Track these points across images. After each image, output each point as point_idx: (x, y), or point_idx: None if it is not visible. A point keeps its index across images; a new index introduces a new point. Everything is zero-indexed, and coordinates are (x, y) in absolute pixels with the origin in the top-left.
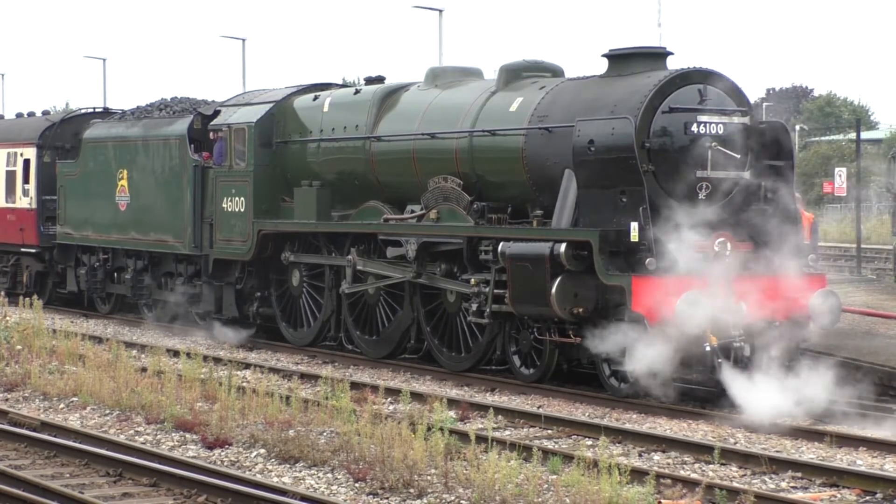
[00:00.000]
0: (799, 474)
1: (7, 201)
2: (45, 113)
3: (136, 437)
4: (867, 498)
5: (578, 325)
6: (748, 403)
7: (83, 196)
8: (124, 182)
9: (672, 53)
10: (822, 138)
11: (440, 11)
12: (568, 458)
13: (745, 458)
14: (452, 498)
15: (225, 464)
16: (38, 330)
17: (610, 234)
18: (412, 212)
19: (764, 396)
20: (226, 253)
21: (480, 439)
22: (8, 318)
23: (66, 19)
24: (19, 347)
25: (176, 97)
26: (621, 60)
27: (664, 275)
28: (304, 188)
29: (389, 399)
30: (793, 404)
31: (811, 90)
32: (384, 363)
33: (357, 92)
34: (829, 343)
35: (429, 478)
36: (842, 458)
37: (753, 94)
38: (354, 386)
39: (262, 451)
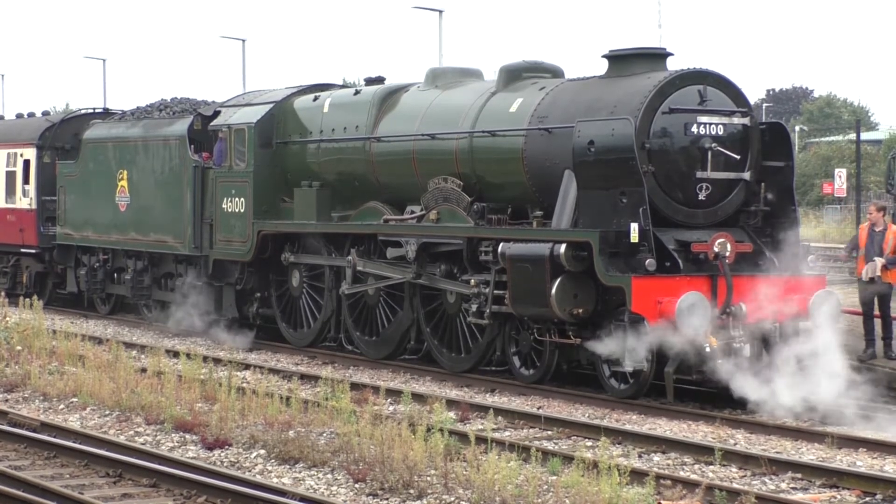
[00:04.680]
0: (799, 475)
1: (7, 202)
2: (45, 113)
3: (136, 438)
4: (867, 499)
5: (578, 326)
6: (747, 404)
7: (83, 196)
8: (124, 182)
9: (672, 54)
10: (822, 139)
11: (440, 12)
12: (568, 458)
13: (745, 459)
14: (452, 499)
15: (225, 464)
16: (37, 331)
17: (610, 234)
18: (412, 212)
19: (763, 397)
20: (226, 253)
21: (480, 440)
22: (8, 318)
23: (66, 20)
24: (19, 348)
25: (176, 98)
26: (621, 61)
27: (664, 276)
28: (304, 189)
29: (389, 400)
30: (792, 405)
31: (811, 91)
32: (384, 364)
33: (357, 92)
34: None
35: (428, 478)
36: (842, 460)
37: (753, 94)
38: (354, 387)
39: (262, 451)
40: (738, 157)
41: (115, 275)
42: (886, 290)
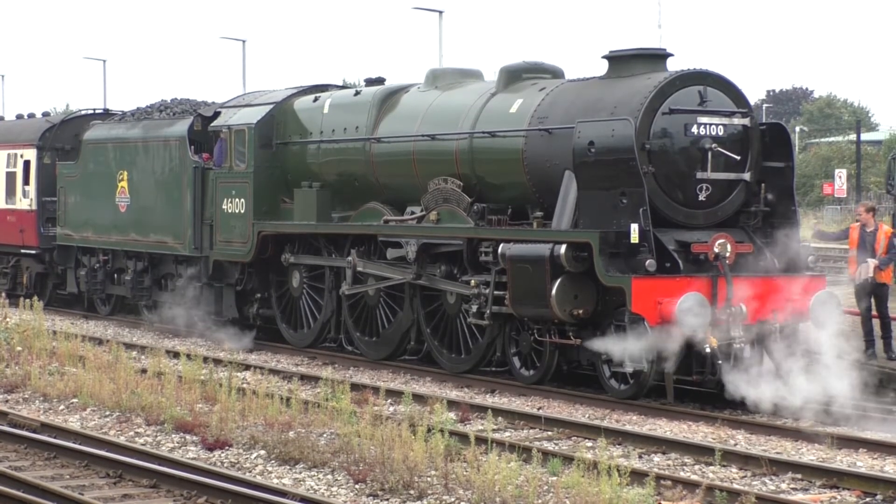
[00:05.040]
0: (799, 475)
1: (7, 203)
2: (46, 114)
3: (136, 439)
4: (867, 499)
5: (578, 327)
6: (747, 404)
7: (83, 197)
8: (124, 183)
9: (672, 55)
10: (822, 140)
11: (440, 13)
12: (568, 459)
13: (746, 460)
14: (452, 499)
15: (225, 465)
16: (38, 331)
17: (610, 235)
18: (412, 213)
19: (763, 398)
20: (226, 254)
21: (480, 441)
22: (8, 319)
23: (66, 20)
24: (19, 349)
25: (176, 98)
26: (621, 62)
27: (664, 276)
28: (305, 189)
29: (390, 400)
30: (792, 405)
31: (811, 91)
32: (384, 364)
33: (357, 93)
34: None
35: (429, 479)
36: (842, 460)
37: (753, 95)
38: (355, 387)
39: (262, 452)
40: (738, 157)
41: (116, 276)
42: (882, 289)
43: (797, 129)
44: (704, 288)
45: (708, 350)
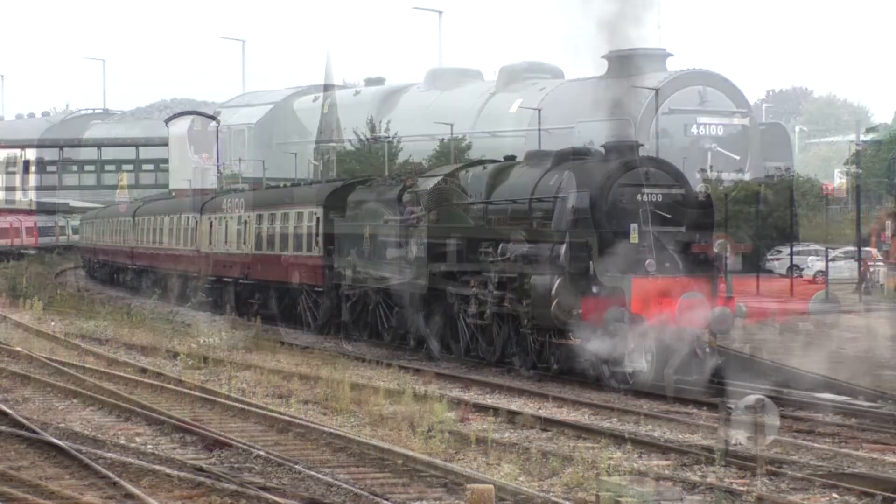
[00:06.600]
0: (799, 475)
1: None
2: (45, 114)
3: (136, 438)
4: (867, 500)
5: (578, 327)
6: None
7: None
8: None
9: (672, 55)
10: (822, 140)
11: (440, 13)
12: (568, 459)
13: (746, 460)
14: (452, 499)
15: (225, 465)
16: (39, 332)
17: (609, 235)
18: (412, 213)
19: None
20: None
21: (480, 440)
22: (8, 320)
23: (66, 21)
24: (19, 349)
25: (176, 98)
26: (621, 62)
27: (664, 276)
28: None
29: (389, 400)
30: (789, 406)
31: (811, 91)
32: (384, 364)
33: (357, 94)
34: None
35: (429, 479)
36: (842, 460)
37: (753, 95)
38: (355, 387)
39: (262, 452)
40: (737, 157)
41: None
42: None
43: (797, 129)
44: (704, 288)
45: (708, 350)
